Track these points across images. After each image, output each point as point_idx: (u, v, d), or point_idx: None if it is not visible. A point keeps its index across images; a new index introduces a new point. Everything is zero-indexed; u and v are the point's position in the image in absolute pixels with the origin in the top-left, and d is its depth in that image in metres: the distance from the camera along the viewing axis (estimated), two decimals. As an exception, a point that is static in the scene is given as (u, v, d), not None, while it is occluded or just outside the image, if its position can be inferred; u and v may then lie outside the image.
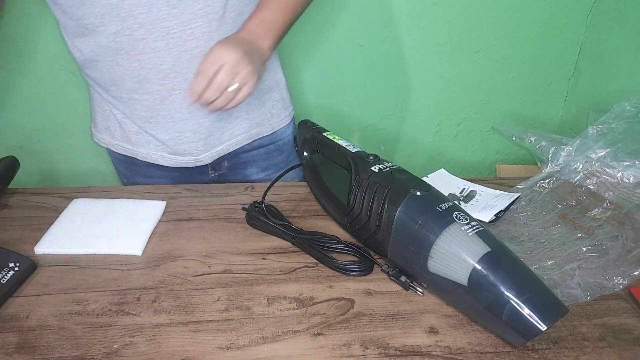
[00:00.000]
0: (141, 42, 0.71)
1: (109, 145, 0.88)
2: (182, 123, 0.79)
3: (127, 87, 0.76)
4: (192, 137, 0.81)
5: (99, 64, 0.75)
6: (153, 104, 0.77)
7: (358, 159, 0.65)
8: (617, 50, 1.20)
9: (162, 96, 0.76)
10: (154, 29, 0.70)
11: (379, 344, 0.52)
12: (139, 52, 0.72)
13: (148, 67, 0.73)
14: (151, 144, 0.83)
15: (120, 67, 0.74)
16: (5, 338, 0.52)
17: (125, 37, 0.70)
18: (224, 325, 0.54)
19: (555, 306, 0.51)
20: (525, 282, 0.52)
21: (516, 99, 1.38)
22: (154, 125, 0.80)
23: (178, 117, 0.79)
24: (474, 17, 1.23)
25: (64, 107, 1.23)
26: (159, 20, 0.69)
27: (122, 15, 0.68)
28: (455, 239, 0.53)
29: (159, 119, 0.79)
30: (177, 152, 0.83)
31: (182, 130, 0.80)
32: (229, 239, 0.69)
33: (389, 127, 1.38)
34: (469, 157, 1.49)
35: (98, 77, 0.78)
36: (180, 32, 0.71)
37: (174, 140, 0.81)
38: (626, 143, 0.79)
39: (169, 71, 0.74)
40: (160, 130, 0.80)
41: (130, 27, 0.69)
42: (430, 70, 1.29)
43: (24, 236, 0.68)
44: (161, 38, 0.71)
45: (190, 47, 0.72)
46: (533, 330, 0.49)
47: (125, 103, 0.79)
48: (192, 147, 0.82)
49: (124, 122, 0.83)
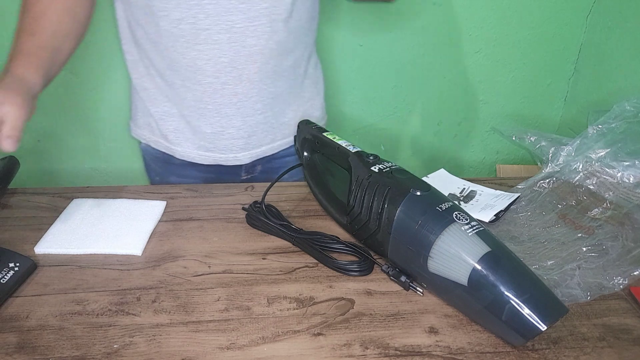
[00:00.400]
0: (204, 32, 0.71)
1: (148, 142, 0.88)
2: (228, 118, 0.80)
3: (182, 75, 0.77)
4: (234, 133, 0.82)
5: (159, 45, 0.75)
6: (203, 96, 0.78)
7: (358, 159, 0.65)
8: (617, 50, 1.20)
9: (214, 89, 0.77)
10: (219, 21, 0.71)
11: (379, 344, 0.52)
12: (199, 41, 0.72)
13: (205, 58, 0.74)
14: (189, 142, 0.84)
15: (177, 54, 0.74)
16: (5, 338, 0.52)
17: (189, 25, 0.71)
18: (224, 325, 0.54)
19: (555, 306, 0.51)
20: (525, 282, 0.51)
21: (516, 99, 1.38)
22: (199, 116, 0.80)
23: (225, 112, 0.79)
24: (474, 17, 1.23)
25: (65, 107, 1.23)
26: (225, 13, 0.70)
27: (190, 3, 0.69)
28: (455, 239, 0.53)
29: (205, 111, 0.79)
30: (217, 148, 0.84)
31: (226, 126, 0.81)
32: (229, 239, 0.69)
33: (389, 127, 1.38)
34: (469, 157, 1.49)
35: (156, 60, 0.78)
36: (244, 28, 0.72)
37: (216, 134, 0.82)
38: (626, 143, 0.79)
39: (225, 65, 0.74)
40: (204, 122, 0.81)
41: (195, 16, 0.70)
42: (430, 70, 1.29)
43: (24, 236, 0.68)
44: (224, 31, 0.71)
45: (250, 44, 0.73)
46: (533, 330, 0.49)
47: (177, 90, 0.79)
48: (232, 144, 0.83)
49: (162, 120, 0.84)
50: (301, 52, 0.83)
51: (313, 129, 0.75)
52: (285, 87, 0.82)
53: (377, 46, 1.23)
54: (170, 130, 0.84)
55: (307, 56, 0.86)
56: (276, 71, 0.79)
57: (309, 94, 0.89)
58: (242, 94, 0.78)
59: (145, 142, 0.89)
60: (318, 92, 0.92)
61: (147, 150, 0.91)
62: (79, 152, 1.31)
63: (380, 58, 1.25)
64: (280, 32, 0.75)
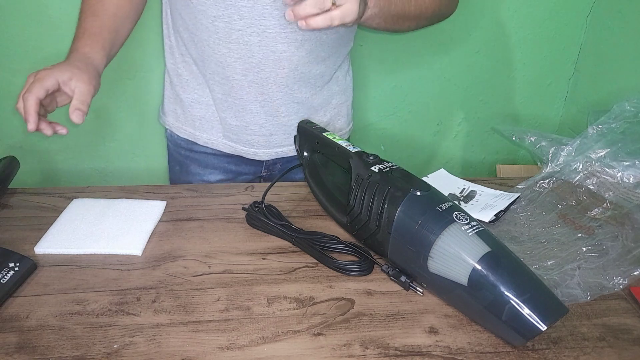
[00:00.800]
0: (237, 33, 0.73)
1: (172, 128, 0.90)
2: (252, 115, 0.82)
3: (212, 68, 0.78)
4: (257, 130, 0.83)
5: (195, 37, 0.77)
6: (231, 91, 0.80)
7: (358, 159, 0.65)
8: (617, 50, 1.20)
9: (241, 86, 0.79)
10: (252, 24, 0.72)
11: (379, 344, 0.52)
12: (231, 40, 0.74)
13: (236, 56, 0.75)
14: (214, 130, 0.86)
15: (209, 49, 0.76)
16: (5, 338, 0.52)
17: (224, 23, 0.72)
18: (224, 325, 0.54)
19: (555, 306, 0.51)
20: (525, 282, 0.51)
21: (516, 99, 1.38)
22: (226, 107, 0.82)
23: (249, 108, 0.81)
24: (474, 17, 1.23)
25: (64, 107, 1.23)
26: (259, 17, 0.71)
27: (227, 2, 0.70)
28: (455, 239, 0.53)
29: (232, 105, 0.81)
30: (240, 140, 0.85)
31: (249, 121, 0.83)
32: (229, 239, 0.69)
33: (389, 127, 1.38)
34: (469, 157, 1.49)
35: (191, 49, 0.80)
36: (276, 34, 0.73)
37: (240, 127, 0.83)
38: (626, 143, 0.79)
39: (254, 65, 0.76)
40: (230, 113, 0.83)
41: (230, 15, 0.71)
42: (430, 70, 1.29)
43: (24, 236, 0.68)
44: (256, 34, 0.73)
45: (280, 49, 0.74)
46: (533, 330, 0.49)
47: (208, 80, 0.81)
48: (254, 140, 0.85)
49: (191, 107, 0.85)
50: (334, 61, 0.83)
51: (313, 129, 0.75)
52: (312, 94, 0.83)
53: (377, 46, 1.23)
54: (197, 117, 0.86)
55: (339, 65, 0.87)
56: (303, 78, 0.80)
57: (337, 101, 0.89)
58: (268, 94, 0.79)
59: (170, 128, 0.91)
60: (346, 100, 0.93)
61: (171, 138, 0.92)
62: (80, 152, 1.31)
63: (381, 58, 1.25)
64: (313, 41, 0.76)
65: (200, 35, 0.76)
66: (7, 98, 1.21)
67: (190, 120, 0.87)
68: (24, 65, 1.16)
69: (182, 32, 0.80)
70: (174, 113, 0.89)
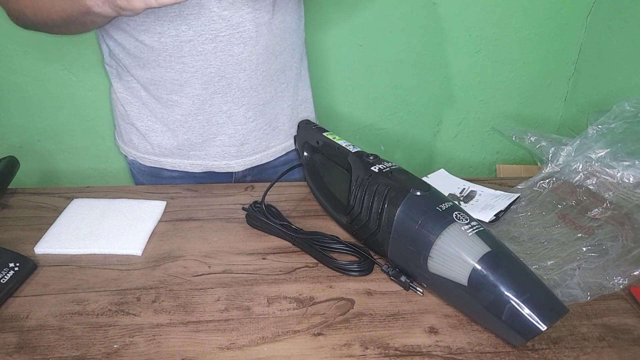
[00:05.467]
0: (188, 44, 0.69)
1: (135, 158, 0.85)
2: (219, 126, 0.78)
3: (167, 88, 0.74)
4: (226, 141, 0.80)
5: (140, 61, 0.73)
6: (191, 108, 0.76)
7: (358, 159, 0.65)
8: (617, 50, 1.20)
9: (202, 100, 0.75)
10: (203, 31, 0.68)
11: (379, 344, 0.52)
12: (184, 54, 0.70)
13: (192, 70, 0.72)
14: (176, 154, 0.82)
15: (161, 69, 0.72)
16: (5, 338, 0.52)
17: (171, 38, 0.69)
18: (224, 325, 0.54)
19: (555, 306, 0.51)
20: (525, 282, 0.51)
21: (516, 99, 1.38)
22: (187, 129, 0.78)
23: (215, 120, 0.78)
24: (474, 17, 1.23)
25: (64, 107, 1.23)
26: (209, 22, 0.68)
27: (171, 15, 0.67)
28: (455, 239, 0.53)
29: (194, 123, 0.78)
30: (209, 156, 0.82)
31: (217, 133, 0.79)
32: (229, 239, 0.69)
33: (389, 127, 1.38)
34: (469, 157, 1.49)
35: (138, 75, 0.75)
36: (229, 36, 0.70)
37: (208, 141, 0.80)
38: (626, 143, 0.79)
39: (213, 75, 0.72)
40: (193, 134, 0.79)
41: (177, 27, 0.68)
42: (430, 70, 1.29)
43: (24, 236, 0.68)
44: (209, 41, 0.69)
45: (237, 51, 0.71)
46: (533, 330, 0.49)
47: (164, 103, 0.77)
48: (225, 152, 0.81)
49: (148, 135, 0.81)
50: (290, 54, 0.80)
51: (313, 129, 0.75)
52: (276, 92, 0.81)
53: (377, 46, 1.23)
54: (156, 144, 0.81)
55: (299, 57, 0.84)
56: (265, 77, 0.77)
57: (302, 96, 0.87)
58: (233, 102, 0.76)
59: (132, 158, 0.86)
60: (306, 99, 0.90)
61: (134, 165, 0.88)
62: (79, 152, 1.31)
63: (380, 58, 1.25)
64: (266, 35, 0.73)
65: (146, 57, 0.71)
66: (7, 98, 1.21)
67: (150, 148, 0.82)
68: (24, 65, 1.16)
69: (124, 59, 0.75)
70: (132, 143, 0.84)
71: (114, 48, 0.75)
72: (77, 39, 1.14)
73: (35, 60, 1.16)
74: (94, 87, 1.21)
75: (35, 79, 1.18)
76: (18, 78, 1.18)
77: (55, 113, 1.24)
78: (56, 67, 1.17)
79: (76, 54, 1.16)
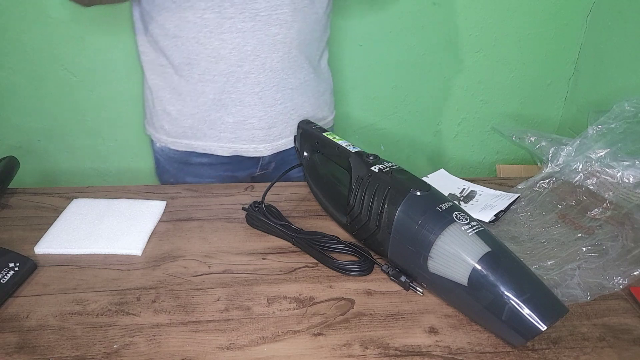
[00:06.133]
0: (228, 21, 0.72)
1: (166, 144, 0.88)
2: (250, 108, 0.81)
3: (201, 67, 0.77)
4: (256, 124, 0.82)
5: (178, 40, 0.75)
6: (225, 86, 0.78)
7: (358, 159, 0.65)
8: (617, 50, 1.20)
9: (237, 78, 0.77)
10: (244, 9, 0.71)
11: (379, 344, 0.52)
12: (223, 30, 0.73)
13: (229, 47, 0.74)
14: (207, 136, 0.84)
15: (199, 45, 0.75)
16: (5, 338, 0.52)
17: (214, 14, 0.71)
18: (224, 325, 0.54)
19: (555, 306, 0.51)
20: (525, 282, 0.51)
21: (516, 99, 1.38)
22: (220, 107, 0.81)
23: (247, 101, 0.80)
24: (474, 17, 1.23)
25: (64, 107, 1.23)
26: (250, 1, 0.71)
27: None
28: (455, 239, 0.53)
29: (227, 101, 0.80)
30: (238, 139, 0.84)
31: (247, 115, 0.81)
32: (229, 239, 0.69)
33: (389, 127, 1.38)
34: (469, 157, 1.49)
35: (174, 56, 0.78)
36: (267, 16, 0.73)
37: (238, 124, 0.82)
38: (626, 143, 0.79)
39: (249, 53, 0.75)
40: (225, 112, 0.81)
41: (220, 4, 0.71)
42: (430, 70, 1.29)
43: (24, 236, 0.68)
44: (249, 19, 0.72)
45: (273, 32, 0.74)
46: (533, 330, 0.49)
47: (194, 85, 0.79)
48: (254, 135, 0.84)
49: (179, 119, 0.84)
50: (317, 46, 0.84)
51: (313, 129, 0.75)
52: (303, 79, 0.84)
53: (377, 46, 1.23)
54: (187, 127, 0.84)
55: (322, 51, 0.87)
56: (296, 61, 0.80)
57: (323, 88, 0.90)
58: (265, 83, 0.79)
59: (162, 144, 0.89)
60: (329, 87, 0.93)
61: (162, 152, 0.90)
62: (79, 152, 1.31)
63: (380, 58, 1.25)
64: (301, 21, 0.76)
65: (186, 34, 0.74)
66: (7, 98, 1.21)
67: (182, 131, 0.85)
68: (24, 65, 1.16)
69: (161, 41, 0.77)
70: (163, 129, 0.87)
71: (154, 30, 0.78)
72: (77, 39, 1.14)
73: (35, 60, 1.16)
74: (94, 87, 1.21)
75: (35, 79, 1.18)
76: (19, 78, 1.18)
77: (55, 113, 1.24)
78: (56, 67, 1.17)
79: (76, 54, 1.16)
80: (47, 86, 1.20)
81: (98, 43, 1.14)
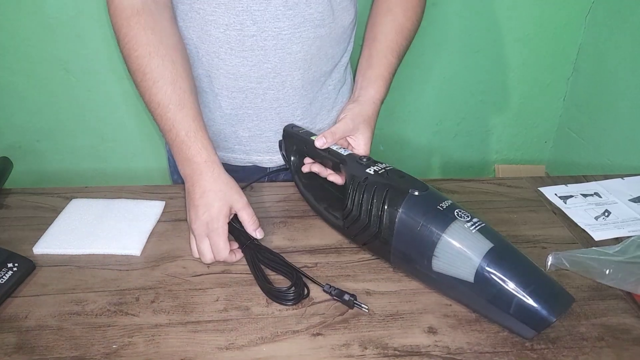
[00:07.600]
0: (250, 39, 0.71)
1: None
2: (266, 122, 0.80)
3: (220, 82, 0.76)
4: (272, 137, 0.81)
5: (198, 53, 0.74)
6: (244, 102, 0.77)
7: (351, 162, 0.64)
8: (616, 50, 1.20)
9: (255, 95, 0.76)
10: (266, 28, 0.70)
11: (378, 344, 0.52)
12: (245, 48, 0.72)
13: (250, 64, 0.73)
14: (220, 148, 0.83)
15: (219, 61, 0.74)
16: (4, 338, 0.52)
17: (236, 31, 0.70)
18: (223, 325, 0.54)
19: (563, 296, 0.52)
20: (530, 274, 0.52)
21: (516, 99, 1.38)
22: (236, 122, 0.80)
23: (264, 116, 0.79)
24: (473, 17, 1.23)
25: (64, 107, 1.23)
26: (273, 20, 0.70)
27: (238, 9, 0.69)
28: (459, 237, 0.53)
29: (243, 116, 0.79)
30: (253, 150, 0.83)
31: (264, 129, 0.80)
32: (228, 239, 0.68)
33: (389, 127, 1.38)
34: (469, 157, 1.49)
35: (194, 66, 0.75)
36: (290, 35, 0.72)
37: (254, 137, 0.81)
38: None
39: (269, 71, 0.74)
40: (241, 127, 0.80)
41: (243, 22, 0.70)
42: (430, 70, 1.30)
43: (23, 236, 0.68)
44: (271, 38, 0.71)
45: (295, 50, 0.73)
46: (544, 322, 0.50)
47: (213, 98, 0.78)
48: (269, 147, 0.82)
49: None
50: (339, 58, 0.83)
51: (300, 133, 0.73)
52: (323, 93, 0.83)
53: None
54: None
55: (345, 62, 0.86)
56: (316, 77, 0.79)
57: (345, 99, 0.88)
58: (284, 99, 0.78)
59: None
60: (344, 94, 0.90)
61: None
62: (79, 152, 1.31)
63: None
64: (323, 37, 0.75)
65: (207, 48, 0.73)
66: (7, 98, 1.21)
67: None
68: (24, 65, 1.16)
69: None
70: None
71: None
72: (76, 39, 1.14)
73: (35, 60, 1.16)
74: (93, 87, 1.21)
75: (35, 79, 1.18)
76: (18, 78, 1.18)
77: (55, 113, 1.24)
78: (56, 67, 1.17)
79: (76, 54, 1.16)
80: (46, 86, 1.20)
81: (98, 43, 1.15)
